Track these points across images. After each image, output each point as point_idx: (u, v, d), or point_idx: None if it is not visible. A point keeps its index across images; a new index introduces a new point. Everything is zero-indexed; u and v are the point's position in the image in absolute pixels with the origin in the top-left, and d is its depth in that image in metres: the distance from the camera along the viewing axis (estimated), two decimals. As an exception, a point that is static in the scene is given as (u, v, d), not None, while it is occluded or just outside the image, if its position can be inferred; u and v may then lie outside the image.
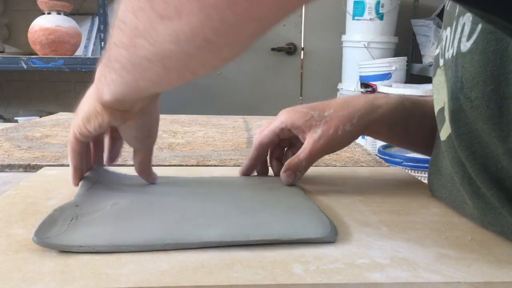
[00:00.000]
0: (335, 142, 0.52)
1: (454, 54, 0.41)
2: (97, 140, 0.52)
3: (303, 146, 0.52)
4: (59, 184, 0.53)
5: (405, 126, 0.55)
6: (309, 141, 0.52)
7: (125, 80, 0.38)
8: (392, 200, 0.50)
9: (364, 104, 0.53)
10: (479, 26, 0.37)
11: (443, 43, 0.45)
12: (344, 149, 0.82)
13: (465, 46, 0.38)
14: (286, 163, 0.52)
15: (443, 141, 0.45)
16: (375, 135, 0.56)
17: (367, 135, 0.56)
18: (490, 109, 0.36)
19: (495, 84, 0.35)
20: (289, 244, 0.37)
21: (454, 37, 0.41)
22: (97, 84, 0.43)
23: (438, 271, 0.33)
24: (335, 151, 0.55)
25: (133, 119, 0.45)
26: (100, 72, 0.42)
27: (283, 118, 0.54)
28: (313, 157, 0.52)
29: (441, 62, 0.46)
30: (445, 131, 0.44)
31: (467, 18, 0.39)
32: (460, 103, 0.40)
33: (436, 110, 0.48)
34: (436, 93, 0.47)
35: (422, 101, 0.57)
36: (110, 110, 0.44)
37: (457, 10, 0.41)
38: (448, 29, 0.43)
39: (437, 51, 0.49)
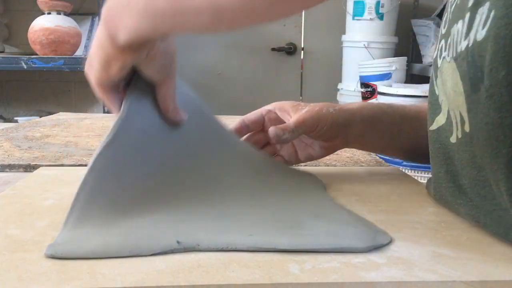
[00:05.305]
0: (320, 117, 0.55)
1: (470, 45, 0.40)
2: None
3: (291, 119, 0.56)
4: (56, 184, 0.53)
5: (386, 125, 0.58)
6: (295, 114, 0.55)
7: (152, 25, 0.39)
8: (389, 199, 0.50)
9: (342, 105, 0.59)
10: (492, 13, 0.37)
11: (454, 38, 0.44)
12: (344, 148, 0.82)
13: (481, 34, 0.38)
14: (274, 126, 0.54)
15: (454, 143, 0.44)
16: (359, 138, 0.58)
17: (352, 140, 0.58)
18: (502, 97, 0.36)
19: (506, 70, 0.35)
20: (285, 243, 0.37)
21: (470, 28, 0.40)
22: (108, 28, 0.41)
23: (434, 270, 0.33)
24: (321, 129, 0.55)
25: (155, 49, 0.43)
26: (111, 15, 0.41)
27: (272, 104, 0.59)
28: (300, 124, 0.54)
29: (447, 59, 0.45)
30: (457, 132, 0.44)
31: (486, 6, 0.38)
32: (481, 95, 0.39)
33: (445, 113, 0.47)
34: (443, 94, 0.46)
35: (400, 105, 0.61)
36: (129, 49, 0.42)
37: (471, 1, 0.41)
38: (460, 22, 0.42)
39: (435, 53, 0.49)
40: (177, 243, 0.36)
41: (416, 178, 1.62)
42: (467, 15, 0.41)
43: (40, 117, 1.57)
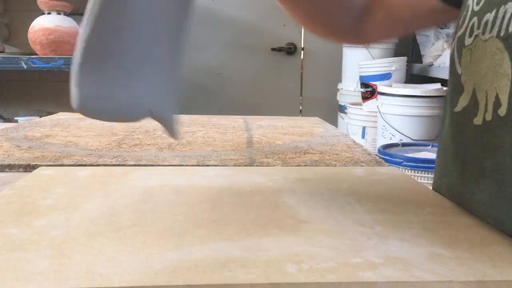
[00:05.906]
0: None
1: None
2: None
3: None
4: (55, 184, 0.53)
5: None
6: None
7: None
8: (387, 199, 0.50)
9: None
10: None
11: (507, 16, 0.41)
12: (344, 149, 0.82)
13: None
14: None
15: (478, 126, 0.44)
16: None
17: None
18: None
19: None
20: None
21: None
22: None
23: (431, 270, 0.33)
24: None
25: None
26: None
27: None
28: None
29: (483, 37, 0.44)
30: (486, 114, 0.43)
31: None
32: None
33: (468, 93, 0.45)
34: (469, 74, 0.45)
35: None
36: None
37: None
38: None
39: (460, 31, 0.47)
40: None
41: (415, 178, 1.62)
42: None
43: (40, 117, 1.57)
